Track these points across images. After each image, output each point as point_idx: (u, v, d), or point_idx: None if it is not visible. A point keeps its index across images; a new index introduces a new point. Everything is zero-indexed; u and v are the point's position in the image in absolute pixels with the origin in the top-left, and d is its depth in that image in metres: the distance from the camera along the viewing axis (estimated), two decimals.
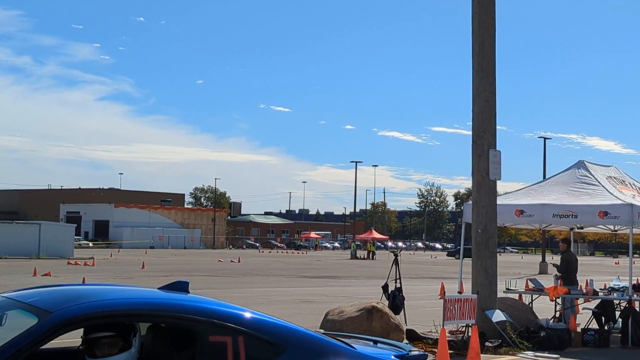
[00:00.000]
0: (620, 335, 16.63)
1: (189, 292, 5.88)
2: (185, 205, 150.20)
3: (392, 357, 5.79)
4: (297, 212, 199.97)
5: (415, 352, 5.96)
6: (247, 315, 5.59)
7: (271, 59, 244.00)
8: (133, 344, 5.44)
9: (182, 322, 5.48)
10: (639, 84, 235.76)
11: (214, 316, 5.44)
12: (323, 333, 5.99)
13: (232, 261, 61.89)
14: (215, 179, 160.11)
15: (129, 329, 5.47)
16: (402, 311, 18.14)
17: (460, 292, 19.82)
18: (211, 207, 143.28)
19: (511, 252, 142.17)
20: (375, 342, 6.38)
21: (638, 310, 17.78)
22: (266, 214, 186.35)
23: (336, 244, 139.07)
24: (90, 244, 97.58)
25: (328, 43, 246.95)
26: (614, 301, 18.05)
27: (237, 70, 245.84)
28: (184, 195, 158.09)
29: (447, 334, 13.26)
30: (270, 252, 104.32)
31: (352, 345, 5.80)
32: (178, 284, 5.92)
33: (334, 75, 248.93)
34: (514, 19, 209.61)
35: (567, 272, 18.71)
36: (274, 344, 5.43)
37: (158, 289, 5.97)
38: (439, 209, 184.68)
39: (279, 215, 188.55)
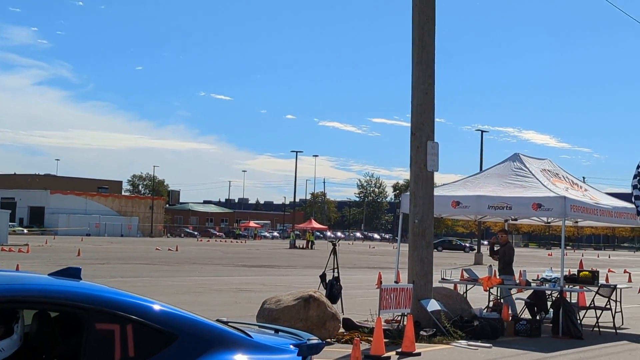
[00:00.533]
0: (551, 325, 16.97)
1: (80, 279, 5.74)
2: (123, 193, 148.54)
3: (290, 345, 5.77)
4: (236, 201, 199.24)
5: (314, 340, 5.94)
6: (137, 302, 5.45)
7: (212, 47, 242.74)
8: (15, 331, 5.30)
9: (66, 309, 5.33)
10: (573, 80, 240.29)
11: (101, 303, 5.29)
12: (220, 322, 5.94)
13: (169, 250, 61.47)
14: (154, 166, 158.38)
15: (10, 316, 5.34)
16: (339, 300, 18.25)
17: (396, 282, 20.02)
18: (149, 195, 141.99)
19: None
20: (277, 330, 6.36)
21: (569, 300, 18.20)
22: (205, 202, 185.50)
23: (275, 234, 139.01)
24: (25, 231, 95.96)
25: (270, 32, 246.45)
26: (546, 292, 18.43)
27: (178, 57, 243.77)
28: (121, 182, 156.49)
29: (382, 323, 13.42)
30: (208, 241, 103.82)
31: (249, 334, 5.75)
32: (70, 270, 5.77)
33: (275, 65, 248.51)
34: (455, 14, 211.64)
35: (506, 263, 19.03)
36: (165, 333, 5.33)
37: (48, 275, 5.77)
38: (378, 200, 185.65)
39: (218, 204, 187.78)
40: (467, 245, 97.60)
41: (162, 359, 5.27)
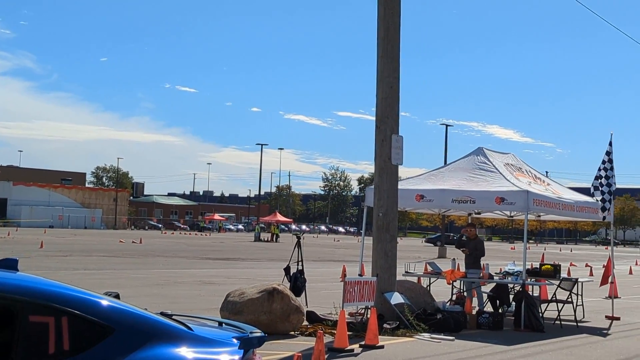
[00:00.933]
0: (513, 318, 17.11)
1: (17, 270, 5.68)
2: (87, 185, 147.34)
3: (232, 338, 5.76)
4: (201, 193, 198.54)
5: (257, 333, 5.96)
6: (73, 295, 5.38)
7: (177, 39, 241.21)
8: None
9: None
10: (537, 75, 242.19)
11: (36, 296, 5.22)
12: (164, 315, 5.91)
13: (133, 242, 61.10)
14: (118, 158, 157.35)
15: None
16: (304, 293, 18.26)
17: (360, 275, 20.06)
18: (113, 187, 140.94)
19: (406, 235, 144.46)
20: (220, 323, 6.36)
21: (531, 294, 18.36)
22: (170, 195, 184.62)
23: (240, 226, 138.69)
24: None
25: (236, 24, 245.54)
26: (509, 285, 18.58)
27: (143, 49, 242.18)
28: (85, 174, 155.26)
29: (346, 316, 13.46)
30: (172, 233, 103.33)
31: (191, 327, 5.73)
32: (6, 262, 5.70)
33: (241, 57, 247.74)
34: (420, 9, 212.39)
35: (477, 258, 19.12)
36: (102, 326, 5.29)
37: None
38: (343, 193, 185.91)
39: (183, 196, 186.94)
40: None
41: (98, 352, 5.21)
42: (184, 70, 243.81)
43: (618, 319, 19.12)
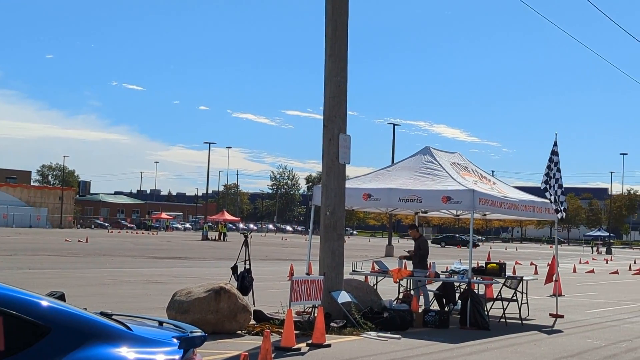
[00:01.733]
0: (459, 316, 17.26)
1: None
2: (32, 183, 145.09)
3: (172, 338, 5.75)
4: (148, 192, 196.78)
5: (197, 333, 5.95)
6: (8, 294, 5.32)
7: (124, 36, 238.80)
8: None
9: None
10: (484, 76, 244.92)
11: None
12: (104, 314, 5.86)
13: (79, 241, 60.35)
14: (64, 156, 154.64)
15: None
16: (251, 292, 18.22)
17: (308, 274, 20.07)
18: (59, 186, 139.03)
19: (352, 234, 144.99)
20: (161, 323, 6.33)
21: (477, 292, 18.54)
22: (116, 193, 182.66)
23: (188, 225, 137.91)
24: None
25: (183, 22, 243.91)
26: (455, 283, 18.74)
27: (89, 46, 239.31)
28: (30, 172, 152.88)
29: (293, 315, 13.44)
30: (119, 232, 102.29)
31: (130, 327, 5.70)
32: None
33: (188, 55, 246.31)
34: (368, 9, 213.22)
35: (422, 257, 19.24)
36: (38, 326, 5.23)
37: None
38: (291, 192, 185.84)
39: (130, 195, 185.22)
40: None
41: (35, 353, 5.16)
42: (132, 68, 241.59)
43: (562, 316, 19.41)
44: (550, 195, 19.06)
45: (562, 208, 19.20)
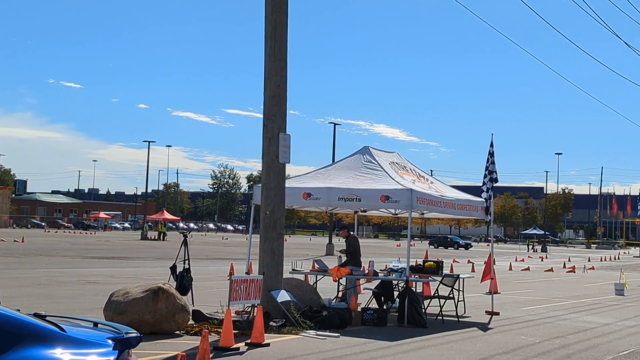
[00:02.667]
0: (397, 314, 17.42)
1: None
2: None
3: (107, 339, 5.75)
4: (86, 191, 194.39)
5: (132, 334, 5.96)
6: None
7: (62, 34, 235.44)
8: None
9: None
10: (422, 76, 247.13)
11: None
12: (38, 316, 5.82)
13: (15, 241, 59.34)
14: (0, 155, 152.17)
15: None
16: (190, 292, 18.14)
17: (248, 273, 20.08)
18: None
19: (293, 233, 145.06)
20: (96, 324, 6.32)
21: (415, 290, 18.73)
22: (54, 192, 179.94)
23: (126, 225, 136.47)
24: None
25: (121, 19, 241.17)
26: (393, 282, 18.91)
27: (25, 43, 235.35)
28: None
29: (232, 314, 13.45)
30: (57, 232, 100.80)
31: (64, 328, 5.68)
32: None
33: (127, 53, 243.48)
34: (309, 10, 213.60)
35: (353, 254, 19.39)
36: None
37: None
38: (232, 191, 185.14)
39: (68, 194, 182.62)
40: (463, 242, 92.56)
41: None
42: (69, 66, 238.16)
43: (497, 314, 19.72)
44: (484, 194, 19.40)
45: (488, 207, 19.54)
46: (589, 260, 62.42)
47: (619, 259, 74.57)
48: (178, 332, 14.28)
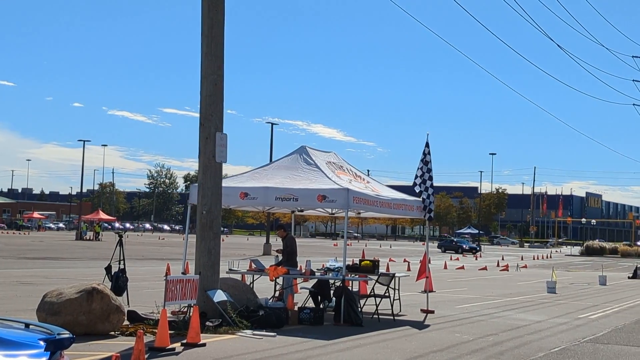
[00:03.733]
0: (334, 313, 17.52)
1: None
2: None
3: (39, 340, 5.70)
4: (20, 191, 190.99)
5: (64, 335, 5.92)
6: None
7: None
8: None
9: None
10: (359, 78, 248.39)
11: None
12: None
13: None
14: None
15: None
16: (126, 293, 17.99)
17: (184, 273, 19.97)
18: None
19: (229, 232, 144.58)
20: (27, 325, 6.26)
21: (351, 289, 18.84)
22: None
23: (61, 225, 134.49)
24: None
25: (55, 16, 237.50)
26: (330, 281, 19.00)
27: None
28: None
29: (168, 315, 13.35)
30: None
31: None
32: None
33: (62, 51, 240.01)
34: (247, 10, 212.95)
35: (290, 254, 19.44)
36: None
37: None
38: (169, 191, 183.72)
39: (0, 194, 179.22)
40: (467, 247, 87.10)
41: None
42: (2, 63, 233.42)
43: (432, 312, 19.94)
44: (423, 194, 19.61)
45: (430, 208, 19.78)
46: (522, 259, 63.50)
47: (551, 257, 76.04)
48: (113, 333, 14.15)
